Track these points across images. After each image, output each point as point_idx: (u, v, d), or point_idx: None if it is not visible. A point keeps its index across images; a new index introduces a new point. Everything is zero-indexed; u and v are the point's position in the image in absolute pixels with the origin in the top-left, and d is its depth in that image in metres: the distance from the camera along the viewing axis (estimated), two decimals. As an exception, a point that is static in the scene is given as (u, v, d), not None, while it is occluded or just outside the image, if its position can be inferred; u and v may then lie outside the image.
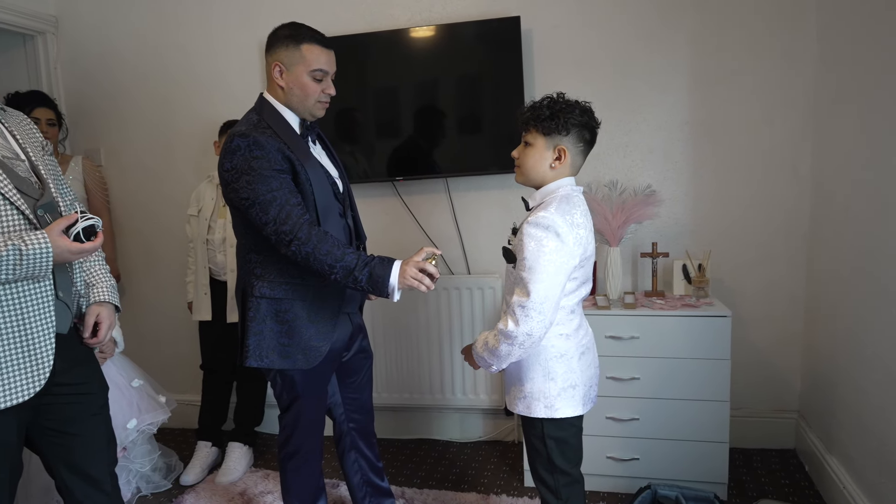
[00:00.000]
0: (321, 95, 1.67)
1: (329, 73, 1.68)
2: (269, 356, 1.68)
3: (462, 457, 2.67)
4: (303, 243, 1.53)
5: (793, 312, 2.47)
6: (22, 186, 1.44)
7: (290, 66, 1.63)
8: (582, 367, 1.55)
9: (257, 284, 1.67)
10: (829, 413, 2.22)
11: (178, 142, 2.96)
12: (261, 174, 1.55)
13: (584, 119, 1.48)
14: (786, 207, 2.42)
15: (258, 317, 1.67)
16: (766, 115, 2.38)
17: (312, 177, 1.64)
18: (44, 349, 1.45)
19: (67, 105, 3.01)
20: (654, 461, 2.25)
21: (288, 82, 1.65)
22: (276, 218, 1.55)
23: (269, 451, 2.78)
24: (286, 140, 1.62)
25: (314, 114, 1.70)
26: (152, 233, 3.05)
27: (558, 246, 1.41)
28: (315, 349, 1.69)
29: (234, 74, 2.80)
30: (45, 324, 1.45)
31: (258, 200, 1.55)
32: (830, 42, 2.19)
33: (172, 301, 3.01)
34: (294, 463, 1.81)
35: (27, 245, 1.35)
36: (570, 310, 1.54)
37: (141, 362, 2.58)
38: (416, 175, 2.65)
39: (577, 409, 1.55)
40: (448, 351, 2.70)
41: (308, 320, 1.68)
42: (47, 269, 1.39)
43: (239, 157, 1.57)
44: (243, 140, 1.57)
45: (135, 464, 2.48)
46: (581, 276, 1.53)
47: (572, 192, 1.51)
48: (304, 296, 1.68)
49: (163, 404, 2.46)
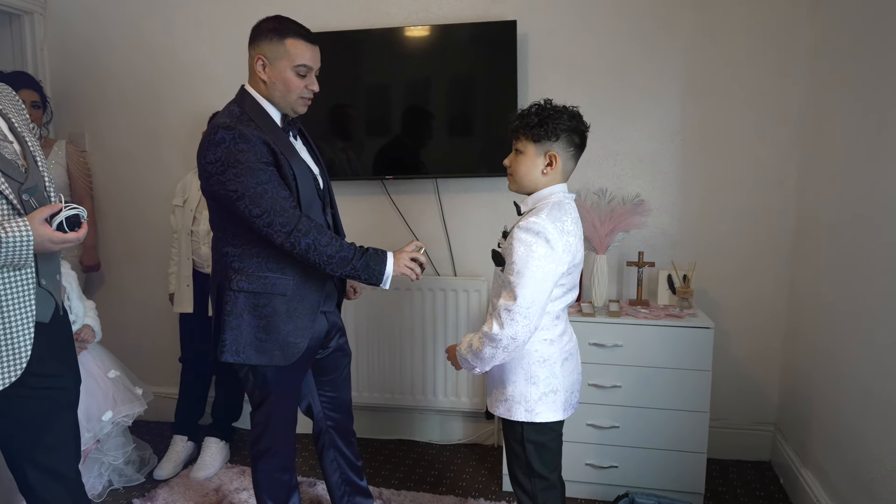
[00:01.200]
0: (304, 91, 1.65)
1: (313, 69, 1.65)
2: (246, 351, 1.65)
3: (441, 459, 2.66)
4: (303, 234, 1.55)
5: (773, 327, 2.50)
6: (7, 170, 1.40)
7: (273, 60, 1.61)
8: (564, 373, 1.56)
9: (235, 278, 1.64)
10: (805, 427, 2.25)
11: (164, 130, 2.91)
12: (248, 167, 1.53)
13: (572, 124, 1.49)
14: (771, 223, 2.45)
15: (235, 311, 1.64)
16: (756, 129, 2.41)
17: (297, 171, 1.63)
18: (22, 338, 1.41)
19: (53, 87, 2.95)
20: (633, 469, 2.26)
21: (271, 76, 1.62)
22: (270, 210, 1.53)
23: (247, 447, 2.73)
24: (269, 133, 1.60)
25: (296, 110, 1.68)
26: (135, 222, 3.00)
27: (547, 252, 1.42)
28: (293, 345, 1.67)
29: (225, 65, 2.77)
30: (24, 312, 1.42)
31: (248, 193, 1.53)
32: (820, 60, 2.22)
33: (153, 292, 2.96)
34: (266, 460, 1.80)
35: (7, 233, 1.31)
36: (556, 315, 1.54)
37: (119, 353, 2.53)
38: (405, 174, 2.64)
39: (558, 415, 1.55)
40: (431, 352, 2.69)
41: (286, 315, 1.66)
42: (27, 257, 1.36)
43: (223, 149, 1.54)
44: (228, 132, 1.55)
45: (108, 456, 2.43)
46: (568, 283, 1.54)
47: (564, 199, 1.52)
48: (284, 290, 1.66)
49: (139, 396, 2.42)
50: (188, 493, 2.39)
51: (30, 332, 1.43)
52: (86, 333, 2.31)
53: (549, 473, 1.59)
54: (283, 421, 1.79)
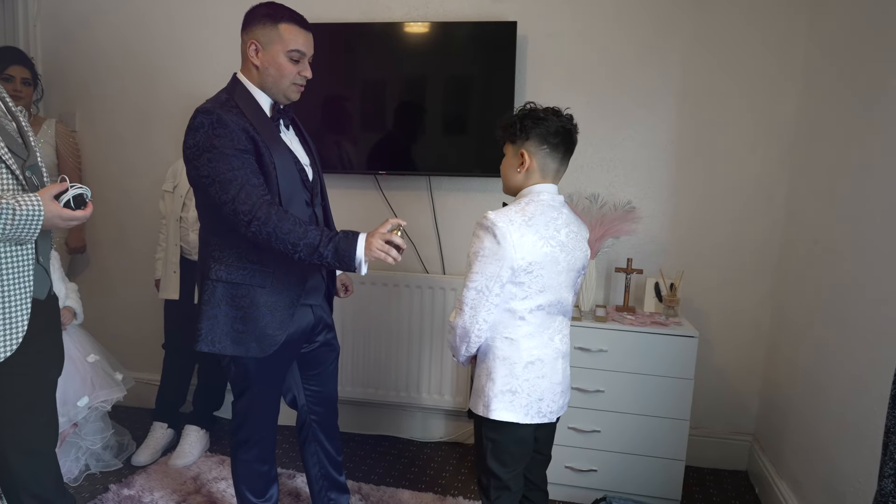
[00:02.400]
0: (297, 77, 1.64)
1: (306, 55, 1.64)
2: (222, 341, 1.63)
3: (422, 456, 2.66)
4: (262, 223, 1.48)
5: (756, 339, 2.53)
6: (12, 146, 1.43)
7: (266, 45, 1.60)
8: (527, 376, 1.53)
9: (214, 267, 1.62)
10: (783, 439, 2.27)
11: (157, 114, 2.88)
12: (222, 152, 1.51)
13: (544, 122, 1.49)
14: (759, 236, 2.47)
15: (213, 300, 1.62)
16: (749, 142, 2.43)
17: (278, 161, 1.60)
18: (19, 314, 1.43)
19: (44, 65, 2.91)
20: (612, 474, 2.28)
21: (263, 62, 1.61)
22: (236, 197, 1.50)
23: (227, 437, 2.73)
24: (253, 121, 1.58)
25: (288, 96, 1.66)
26: (123, 205, 2.97)
27: (492, 247, 1.44)
28: (270, 337, 1.65)
29: (221, 51, 2.74)
30: (23, 288, 1.43)
31: (218, 179, 1.51)
32: (815, 77, 2.25)
33: (139, 277, 2.94)
34: (245, 450, 1.79)
35: (20, 206, 1.33)
36: (520, 316, 1.51)
37: (101, 338, 2.51)
38: (398, 170, 2.63)
39: (517, 417, 1.53)
40: (416, 350, 2.69)
41: (265, 307, 1.63)
42: (35, 232, 1.38)
43: (202, 134, 1.53)
44: (207, 117, 1.53)
45: (85, 440, 2.41)
46: (535, 285, 1.49)
47: (542, 198, 1.51)
48: (263, 282, 1.63)
49: (119, 382, 2.40)
50: (166, 480, 2.37)
51: (27, 308, 1.44)
52: (64, 315, 2.28)
53: (504, 474, 1.58)
54: (263, 412, 1.78)
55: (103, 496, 2.25)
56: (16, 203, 1.33)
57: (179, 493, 2.29)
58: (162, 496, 2.26)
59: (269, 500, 1.86)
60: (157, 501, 2.23)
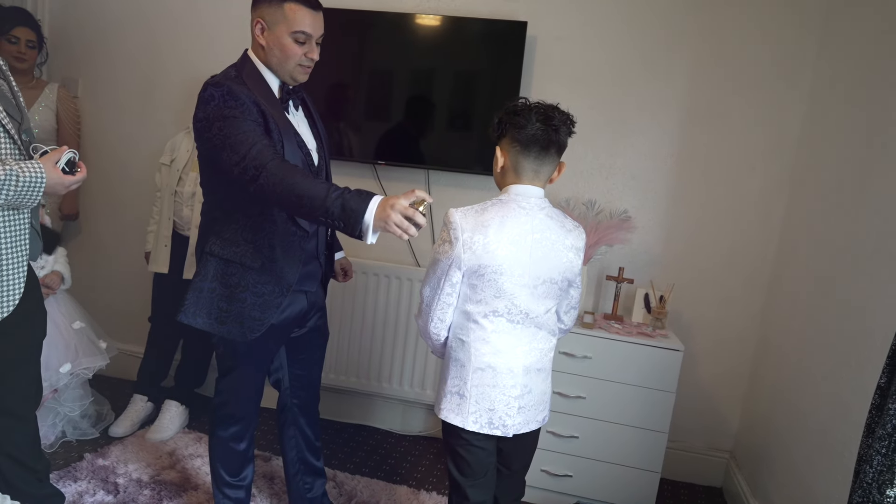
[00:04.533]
0: (303, 59, 1.59)
1: (313, 37, 1.59)
2: (201, 316, 1.60)
3: (399, 449, 2.66)
4: (271, 174, 1.40)
5: (741, 357, 2.53)
6: (7, 108, 1.45)
7: (272, 24, 1.56)
8: (475, 382, 1.45)
9: (211, 240, 1.61)
10: (760, 458, 2.28)
11: (160, 86, 2.86)
12: (234, 120, 1.48)
13: (512, 119, 1.42)
14: (752, 254, 2.47)
15: (203, 273, 1.61)
16: (750, 161, 2.43)
17: (285, 140, 1.57)
18: (16, 275, 1.46)
19: (51, 28, 2.89)
20: (587, 480, 2.28)
21: (269, 41, 1.57)
22: (247, 154, 1.43)
23: (206, 415, 2.72)
24: (260, 97, 1.56)
25: (295, 77, 1.63)
26: (119, 175, 2.96)
27: (447, 247, 1.42)
28: (254, 321, 1.61)
29: (231, 26, 2.72)
30: (19, 250, 1.46)
31: (230, 141, 1.46)
32: (820, 101, 2.24)
33: (130, 248, 2.92)
34: (223, 428, 1.78)
35: (24, 172, 1.35)
36: (474, 319, 1.45)
37: (88, 306, 2.51)
38: (398, 162, 2.62)
39: (462, 422, 1.46)
40: (402, 341, 2.69)
41: (251, 290, 1.60)
42: (37, 198, 1.41)
43: (212, 106, 1.50)
44: (217, 89, 1.51)
45: (64, 407, 2.40)
46: (488, 289, 1.42)
47: (511, 199, 1.44)
48: (254, 262, 1.59)
49: (102, 350, 2.40)
50: (141, 453, 2.37)
51: (23, 270, 1.48)
52: (52, 279, 2.27)
53: (463, 481, 1.52)
54: (246, 392, 1.78)
55: (77, 464, 2.24)
56: (19, 169, 1.34)
57: (154, 466, 2.29)
58: (136, 469, 2.26)
59: (242, 481, 1.85)
60: (130, 474, 2.23)
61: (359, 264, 2.59)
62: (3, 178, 1.32)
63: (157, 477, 2.22)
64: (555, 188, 2.56)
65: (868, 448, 1.06)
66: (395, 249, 2.75)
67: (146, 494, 2.11)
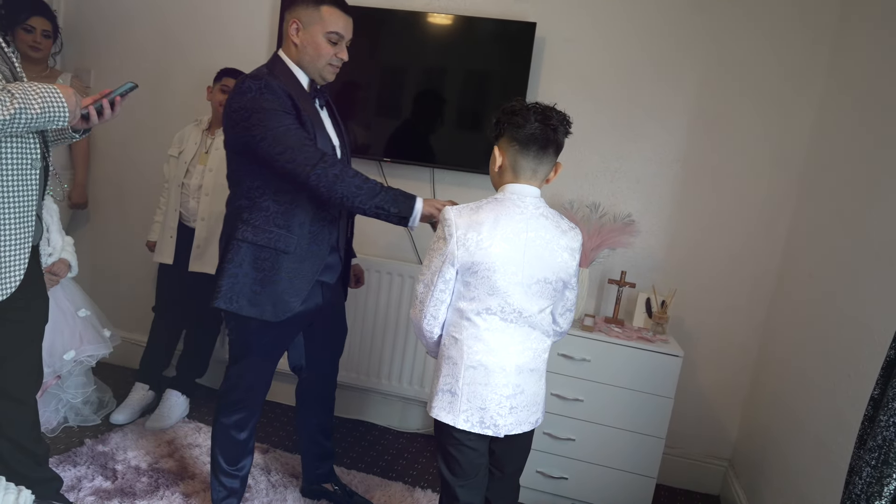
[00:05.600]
0: (333, 59, 1.70)
1: (344, 38, 1.70)
2: (239, 300, 1.68)
3: (396, 445, 2.67)
4: (329, 165, 1.57)
5: (742, 365, 2.51)
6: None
7: (307, 24, 1.66)
8: (466, 381, 1.45)
9: (241, 228, 1.68)
10: (759, 468, 2.26)
11: (170, 79, 2.89)
12: (272, 112, 1.58)
13: (510, 119, 1.44)
14: (756, 263, 2.45)
15: (236, 259, 1.68)
16: (757, 169, 2.41)
17: (317, 134, 1.67)
18: (17, 259, 1.47)
19: (66, 19, 2.93)
20: (582, 483, 2.28)
21: (303, 40, 1.68)
22: (294, 146, 1.56)
23: (206, 405, 2.75)
24: (293, 92, 1.64)
25: (324, 76, 1.72)
26: (128, 166, 2.99)
27: (441, 243, 1.43)
28: (285, 303, 1.69)
29: (241, 24, 2.75)
30: (24, 232, 1.48)
31: (270, 133, 1.57)
32: (830, 110, 2.22)
33: (137, 238, 2.95)
34: (227, 415, 1.82)
35: (37, 86, 1.39)
36: (466, 316, 1.45)
37: (93, 294, 2.53)
38: (403, 159, 2.63)
39: (454, 420, 1.46)
40: (402, 339, 2.70)
41: (285, 273, 1.68)
42: (62, 112, 1.40)
43: (249, 97, 1.58)
44: (255, 82, 1.60)
45: (67, 393, 2.43)
46: (482, 286, 1.42)
47: (507, 197, 1.45)
48: (287, 247, 1.68)
49: (106, 339, 2.42)
50: (140, 441, 2.39)
51: (26, 253, 1.49)
52: (59, 267, 2.30)
53: (453, 481, 1.52)
54: (255, 381, 1.82)
55: (78, 450, 2.27)
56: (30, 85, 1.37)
57: (153, 455, 2.31)
58: (135, 456, 2.28)
59: (239, 471, 1.87)
60: (129, 461, 2.25)
61: (361, 261, 2.60)
62: (23, 89, 1.33)
63: (155, 465, 2.25)
64: (559, 190, 2.55)
65: (858, 459, 1.05)
66: (398, 247, 2.76)
67: (143, 482, 2.13)
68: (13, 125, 1.30)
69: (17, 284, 1.46)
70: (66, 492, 1.98)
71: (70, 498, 1.96)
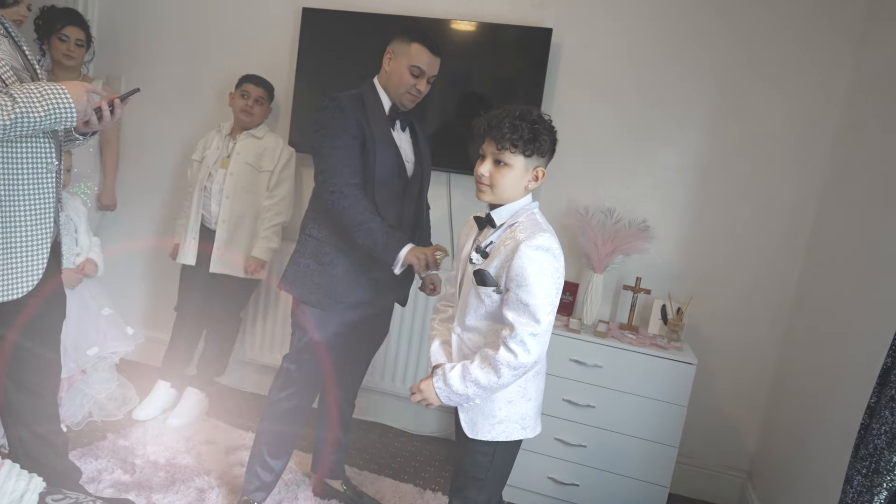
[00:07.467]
0: (412, 89, 1.87)
1: (426, 74, 1.87)
2: (297, 286, 1.87)
3: (410, 448, 2.68)
4: (344, 196, 1.75)
5: (761, 374, 2.46)
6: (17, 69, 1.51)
7: (397, 55, 1.86)
8: (541, 387, 1.55)
9: (310, 225, 1.89)
10: (777, 481, 2.21)
11: (198, 87, 2.98)
12: (333, 131, 1.77)
13: (555, 138, 1.45)
14: (776, 270, 2.41)
15: (301, 250, 1.89)
16: (779, 176, 2.37)
17: (380, 151, 1.81)
18: (37, 255, 1.52)
19: (99, 28, 3.04)
20: (593, 490, 2.26)
21: (391, 69, 1.87)
22: (330, 169, 1.76)
23: (225, 403, 2.80)
24: (370, 115, 1.82)
25: (403, 102, 1.89)
26: (155, 170, 3.09)
27: (556, 268, 1.37)
28: (339, 295, 1.84)
29: (266, 33, 2.82)
30: (43, 232, 1.53)
31: (321, 151, 1.79)
32: (855, 114, 2.18)
33: (161, 239, 3.04)
34: (281, 389, 1.92)
35: (45, 84, 1.43)
36: None
37: (118, 292, 2.62)
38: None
39: (535, 429, 1.53)
40: (417, 342, 2.72)
41: (343, 270, 1.84)
42: (69, 111, 1.43)
43: (323, 114, 1.79)
44: (332, 101, 1.80)
45: (91, 388, 2.51)
46: None
47: (536, 210, 1.47)
48: (344, 245, 1.83)
49: (129, 336, 2.50)
50: (160, 437, 2.46)
51: (45, 252, 1.53)
52: (89, 268, 2.39)
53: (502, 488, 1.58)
54: (313, 360, 1.89)
55: (100, 444, 2.34)
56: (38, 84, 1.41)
57: (171, 450, 2.37)
58: (154, 451, 2.34)
59: (278, 465, 1.97)
60: (148, 456, 2.31)
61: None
62: (29, 89, 1.37)
63: (172, 460, 2.30)
64: (573, 195, 2.55)
65: (851, 468, 1.03)
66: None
67: (160, 476, 2.19)
68: (15, 129, 1.34)
69: (35, 282, 1.51)
70: (86, 483, 2.04)
71: (90, 489, 2.02)
